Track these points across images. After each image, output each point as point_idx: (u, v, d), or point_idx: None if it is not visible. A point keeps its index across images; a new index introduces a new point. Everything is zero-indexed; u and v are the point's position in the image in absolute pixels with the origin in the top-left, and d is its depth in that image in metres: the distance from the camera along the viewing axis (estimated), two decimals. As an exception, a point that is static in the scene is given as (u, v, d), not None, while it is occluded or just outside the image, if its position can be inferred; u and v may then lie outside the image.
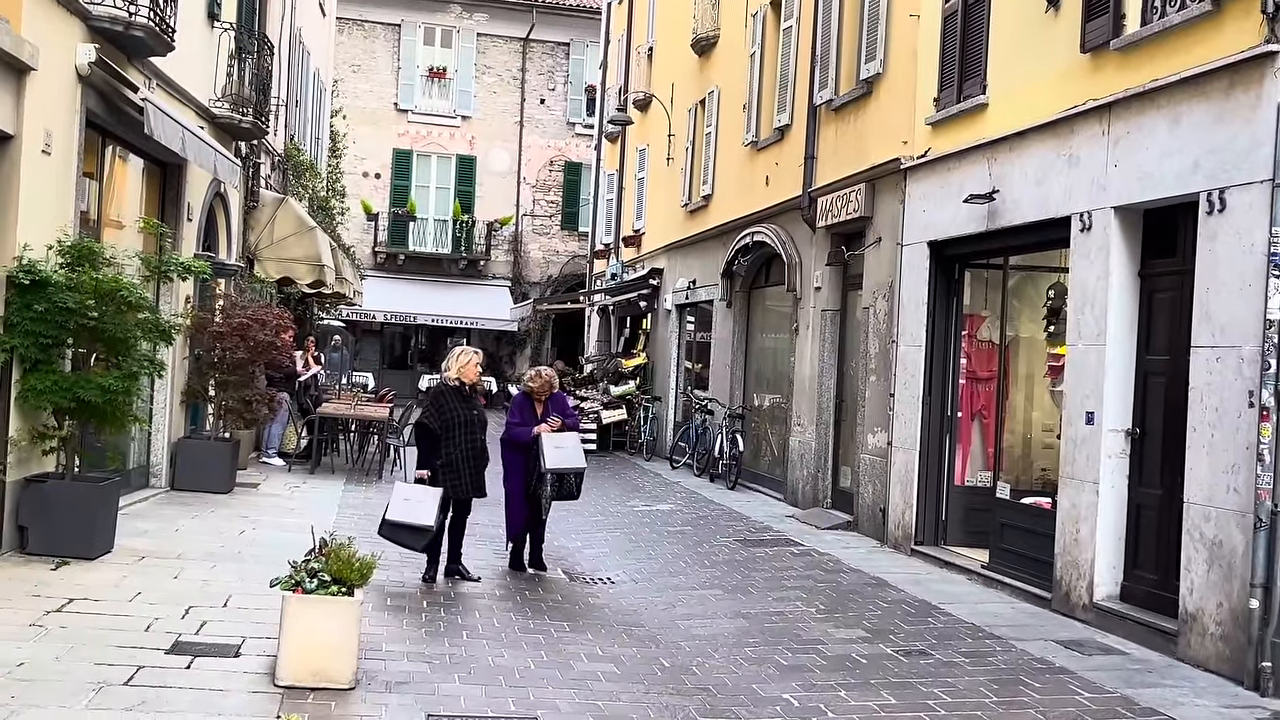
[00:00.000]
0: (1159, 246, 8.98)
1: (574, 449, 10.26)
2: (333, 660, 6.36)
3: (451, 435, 9.55)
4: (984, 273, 12.11)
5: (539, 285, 35.46)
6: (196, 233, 13.86)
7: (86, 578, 8.44)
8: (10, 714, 5.52)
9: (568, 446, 10.17)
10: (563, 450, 10.10)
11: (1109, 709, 6.91)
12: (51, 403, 9.00)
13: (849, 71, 14.40)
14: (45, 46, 9.05)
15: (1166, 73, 8.42)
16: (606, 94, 29.37)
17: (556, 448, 10.06)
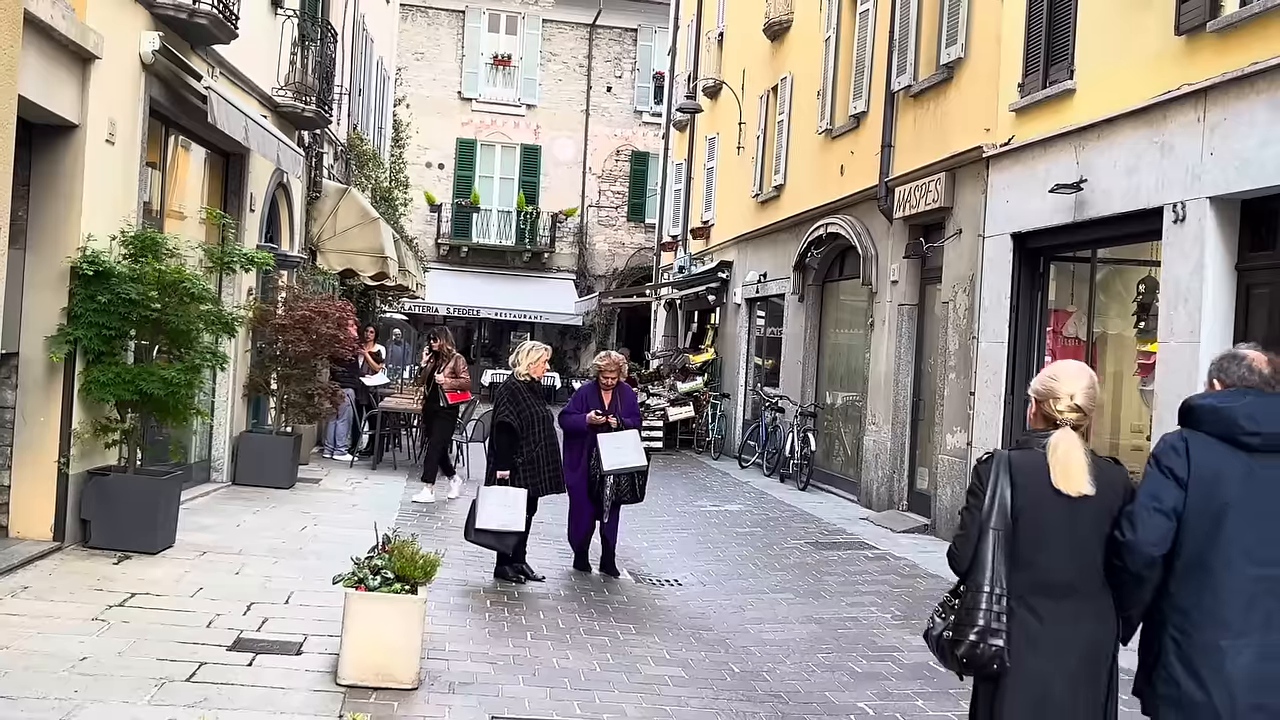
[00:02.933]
0: (1258, 239, 8.78)
1: (634, 447, 10.05)
2: (395, 659, 6.40)
3: (531, 432, 9.55)
4: (1070, 266, 11.92)
5: (604, 278, 35.53)
6: (259, 223, 14.05)
7: (149, 572, 8.59)
8: (74, 708, 5.63)
9: (627, 445, 9.98)
10: (622, 450, 9.93)
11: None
12: (114, 395, 9.16)
13: (929, 56, 14.26)
14: (110, 35, 9.22)
15: (1268, 55, 8.22)
16: (675, 81, 29.34)
17: (616, 448, 9.90)
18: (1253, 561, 3.90)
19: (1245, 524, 3.91)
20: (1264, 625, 3.87)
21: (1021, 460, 4.13)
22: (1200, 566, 3.94)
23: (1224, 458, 3.98)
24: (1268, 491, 3.93)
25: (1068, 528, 4.05)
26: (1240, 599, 3.89)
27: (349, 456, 16.90)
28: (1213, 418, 4.09)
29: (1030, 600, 4.04)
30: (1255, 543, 3.91)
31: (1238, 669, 3.85)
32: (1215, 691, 3.86)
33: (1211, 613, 3.91)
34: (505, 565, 9.60)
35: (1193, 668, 3.91)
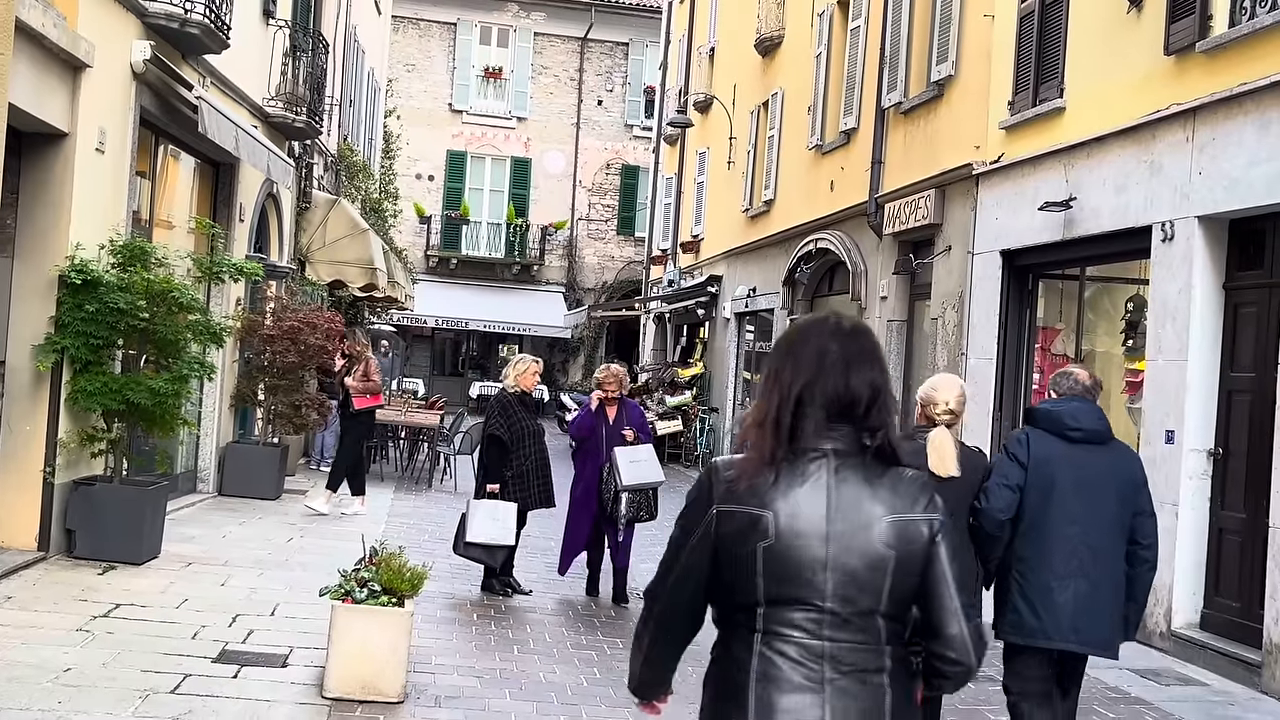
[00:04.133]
0: (1246, 258, 8.84)
1: (650, 462, 9.65)
2: (382, 672, 6.37)
3: (521, 446, 9.45)
4: (1059, 284, 11.97)
5: (594, 291, 35.54)
6: (248, 233, 14.03)
7: (133, 583, 8.55)
8: (58, 719, 5.60)
9: (643, 459, 9.56)
10: (640, 464, 9.49)
11: (1188, 742, 6.79)
12: (101, 404, 9.12)
13: (919, 73, 14.32)
14: (100, 43, 9.21)
15: (1256, 76, 8.28)
16: (666, 95, 29.42)
17: (632, 461, 9.47)
18: (1071, 522, 5.24)
19: (1067, 495, 5.26)
20: (1079, 570, 5.23)
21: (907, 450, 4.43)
22: (1035, 527, 5.27)
23: (1054, 447, 5.34)
24: (1083, 471, 5.29)
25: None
26: (1063, 550, 5.24)
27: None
28: (1046, 418, 5.45)
29: None
30: (1074, 509, 5.25)
31: (1062, 602, 5.22)
32: (1046, 618, 5.24)
33: (1043, 561, 5.25)
34: (492, 579, 9.54)
35: (1030, 602, 5.26)
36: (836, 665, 2.55)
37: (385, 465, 17.77)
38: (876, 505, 2.60)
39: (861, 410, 2.67)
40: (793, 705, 2.54)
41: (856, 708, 2.53)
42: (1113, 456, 5.43)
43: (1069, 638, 5.24)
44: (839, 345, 2.70)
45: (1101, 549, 5.26)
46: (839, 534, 2.56)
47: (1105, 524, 5.27)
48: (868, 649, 2.57)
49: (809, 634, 2.56)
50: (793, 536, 2.56)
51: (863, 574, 2.55)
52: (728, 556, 2.63)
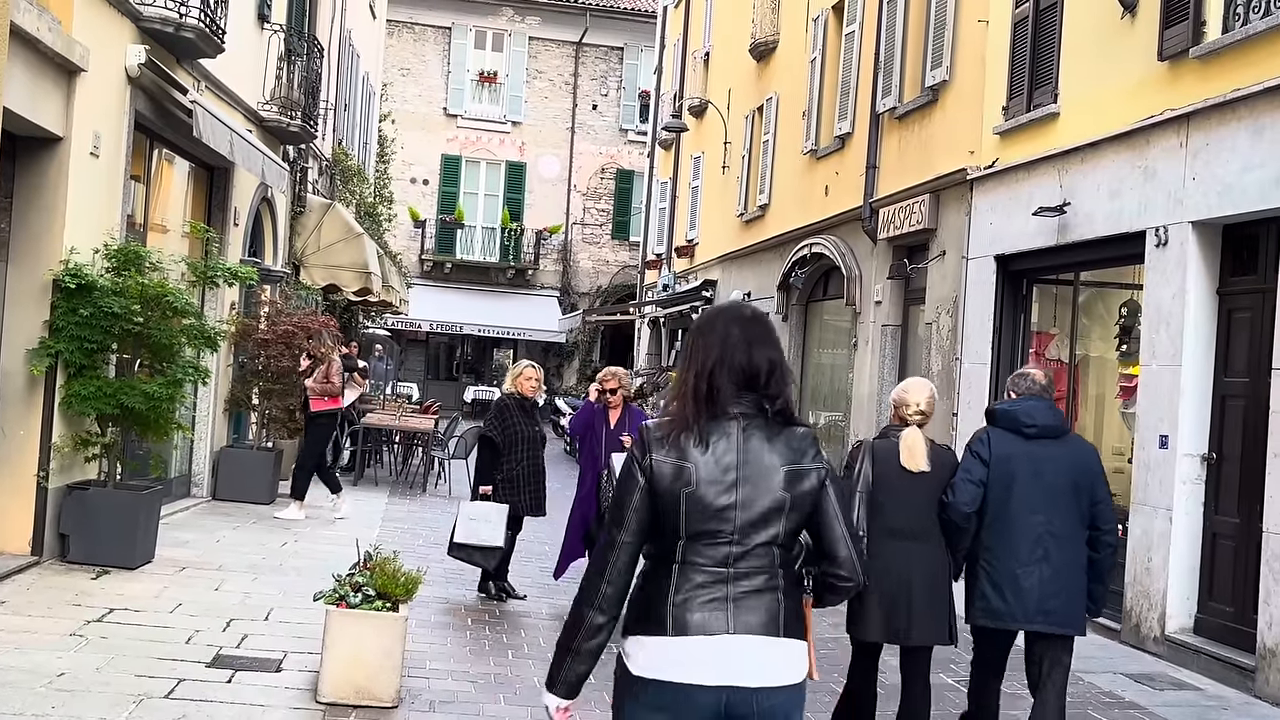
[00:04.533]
0: (1239, 263, 8.86)
1: None
2: (376, 677, 6.37)
3: (513, 450, 9.37)
4: (1053, 288, 12.00)
5: (588, 296, 35.55)
6: (243, 238, 14.03)
7: (127, 588, 8.54)
8: (50, 725, 5.60)
9: None
10: None
11: (1182, 747, 6.80)
12: (95, 409, 9.12)
13: (913, 79, 14.35)
14: (95, 47, 9.21)
15: (1249, 82, 8.31)
16: (661, 100, 29.44)
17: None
18: (1033, 512, 5.66)
19: (1027, 488, 5.67)
20: (1044, 557, 5.64)
21: (881, 446, 5.82)
22: (999, 518, 5.68)
23: (1013, 443, 5.76)
24: (1042, 465, 5.72)
25: (909, 493, 5.70)
26: (1027, 539, 5.65)
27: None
28: (1005, 417, 5.88)
29: (882, 539, 5.63)
30: (1034, 500, 5.67)
31: (1029, 586, 5.63)
32: (1014, 602, 5.65)
33: (1008, 549, 5.66)
34: (488, 581, 9.54)
35: (998, 587, 5.68)
36: (739, 585, 3.12)
37: (380, 470, 17.75)
38: (775, 457, 3.16)
39: (762, 381, 3.21)
40: (703, 619, 3.09)
41: (755, 619, 3.10)
42: (1069, 449, 5.88)
43: (1036, 619, 5.67)
44: (741, 329, 3.25)
45: (1062, 536, 5.69)
46: (746, 480, 3.13)
47: (1065, 512, 5.71)
48: (765, 572, 3.13)
49: (718, 562, 3.12)
50: (709, 484, 3.12)
51: (764, 513, 3.12)
52: (662, 501, 3.13)
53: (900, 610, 5.64)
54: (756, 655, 3.12)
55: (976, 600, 5.77)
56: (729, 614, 3.10)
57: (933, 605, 5.68)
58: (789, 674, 3.18)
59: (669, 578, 3.15)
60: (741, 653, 3.10)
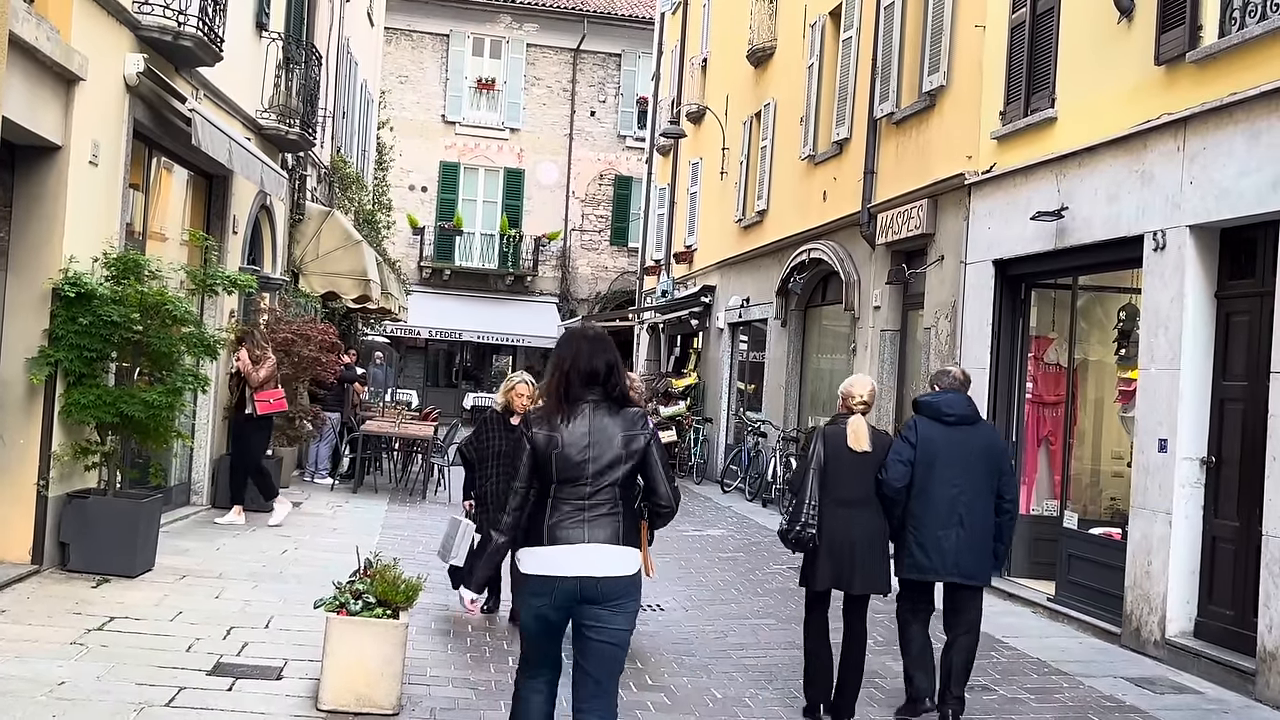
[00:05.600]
0: (1237, 267, 8.87)
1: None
2: (376, 684, 6.37)
3: (484, 467, 8.89)
4: (1051, 293, 12.01)
5: (587, 302, 35.55)
6: (242, 246, 14.04)
7: (127, 596, 8.54)
8: (51, 733, 5.60)
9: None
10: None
11: (1183, 751, 6.80)
12: (95, 417, 9.13)
13: (911, 84, 14.37)
14: (94, 56, 9.22)
15: (1246, 86, 8.32)
16: (659, 106, 29.45)
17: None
18: (951, 485, 6.88)
19: (945, 466, 6.89)
20: (959, 522, 6.86)
21: (831, 431, 7.03)
22: (924, 491, 6.89)
23: (935, 429, 6.99)
24: (958, 447, 6.95)
25: (854, 469, 6.88)
26: (944, 508, 6.86)
27: (330, 480, 16.84)
28: (929, 408, 7.13)
29: (831, 507, 6.81)
30: (952, 475, 6.88)
31: (947, 547, 6.86)
32: (935, 559, 6.89)
33: (931, 516, 6.87)
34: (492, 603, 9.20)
35: (923, 547, 6.90)
36: (592, 512, 4.70)
37: (379, 477, 17.75)
38: (615, 428, 4.77)
39: (603, 378, 4.80)
40: (568, 534, 4.69)
41: (602, 533, 4.69)
42: (980, 433, 7.14)
43: (953, 573, 6.92)
44: (587, 344, 4.87)
45: (974, 505, 6.89)
46: (595, 444, 4.72)
47: (976, 485, 6.92)
48: (610, 503, 4.72)
49: (578, 498, 4.71)
50: (571, 446, 4.71)
51: (608, 464, 4.72)
52: (539, 459, 4.73)
53: (845, 564, 6.79)
54: (602, 556, 4.69)
55: (905, 558, 6.98)
56: (585, 530, 4.68)
57: (872, 561, 6.86)
58: (625, 568, 4.74)
59: (546, 510, 4.73)
60: (592, 555, 4.67)
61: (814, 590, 6.97)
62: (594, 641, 4.79)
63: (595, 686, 4.90)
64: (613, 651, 4.84)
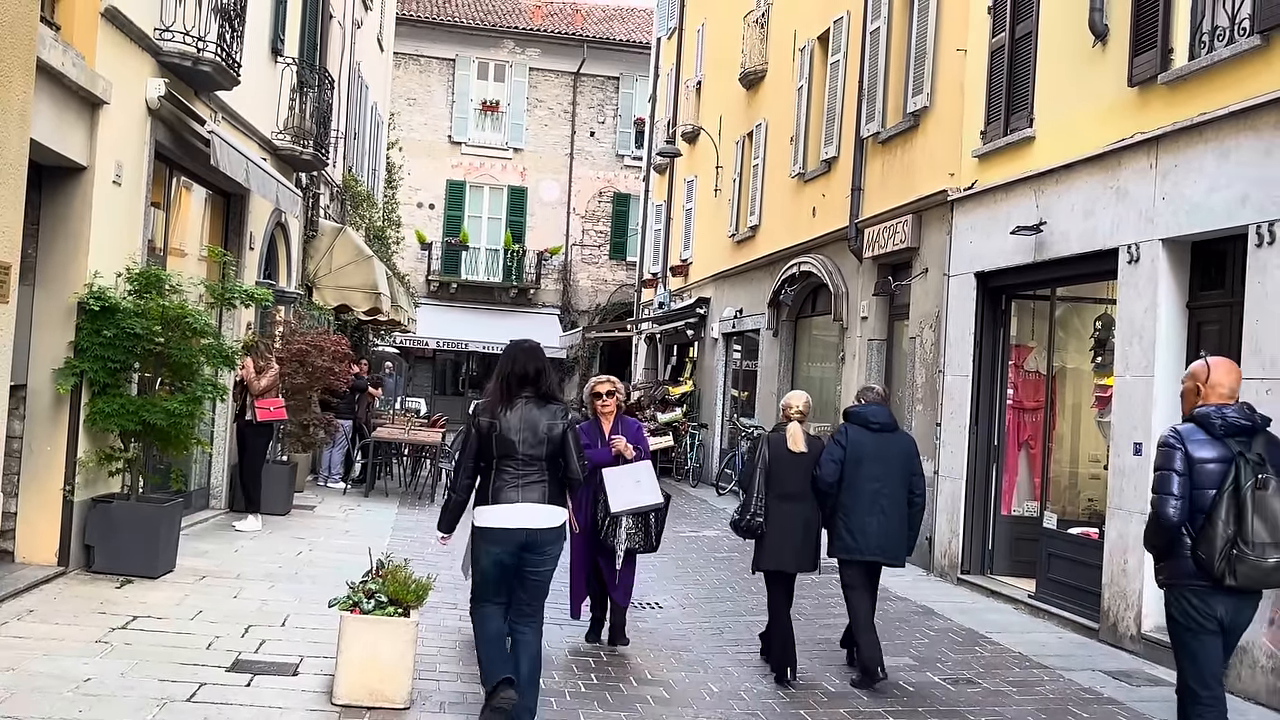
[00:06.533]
0: (1207, 279, 8.89)
1: (648, 482, 8.30)
2: (389, 680, 6.38)
3: None
4: (1030, 304, 12.02)
5: (588, 313, 35.57)
6: (258, 261, 14.05)
7: (150, 596, 8.54)
8: (78, 728, 5.60)
9: (639, 480, 8.26)
10: (633, 486, 8.21)
11: (1158, 740, 6.80)
12: (118, 425, 9.14)
13: (896, 105, 14.40)
14: (117, 81, 9.25)
15: (1215, 106, 8.35)
16: (655, 126, 29.49)
17: (625, 484, 8.22)
18: (874, 480, 7.79)
19: (870, 465, 7.80)
20: (880, 511, 7.77)
21: (774, 437, 8.04)
22: (852, 485, 7.78)
23: (862, 434, 7.91)
24: (880, 450, 7.87)
25: (793, 468, 7.84)
26: (866, 499, 7.77)
27: (342, 484, 16.84)
28: (857, 417, 8.06)
29: (775, 501, 7.79)
30: (875, 473, 7.80)
31: (871, 532, 7.77)
32: (861, 542, 7.79)
33: (858, 506, 7.77)
34: None
35: (851, 532, 7.79)
36: (524, 480, 5.95)
37: (390, 481, 17.75)
38: (542, 418, 5.98)
39: (534, 379, 6.03)
40: (507, 495, 5.93)
41: (533, 495, 5.93)
42: (899, 439, 8.11)
43: (875, 554, 7.83)
44: (522, 353, 6.13)
45: (892, 498, 7.82)
46: (525, 429, 5.94)
47: (894, 482, 7.84)
48: (537, 473, 5.97)
49: (513, 469, 5.95)
50: (508, 430, 5.93)
51: (536, 445, 5.94)
52: (484, 440, 5.97)
53: (787, 549, 7.80)
54: (533, 512, 5.94)
55: (836, 541, 7.88)
56: (519, 493, 5.94)
57: (806, 546, 7.86)
58: (552, 522, 6.00)
59: (490, 478, 5.99)
60: (529, 512, 5.93)
61: (764, 570, 7.96)
62: (530, 578, 6.03)
63: (528, 608, 6.10)
64: (542, 584, 6.09)
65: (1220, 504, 5.19)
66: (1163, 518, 5.31)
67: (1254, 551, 5.12)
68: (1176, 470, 5.30)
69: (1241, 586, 5.22)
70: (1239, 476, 5.19)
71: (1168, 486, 5.30)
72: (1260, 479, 5.18)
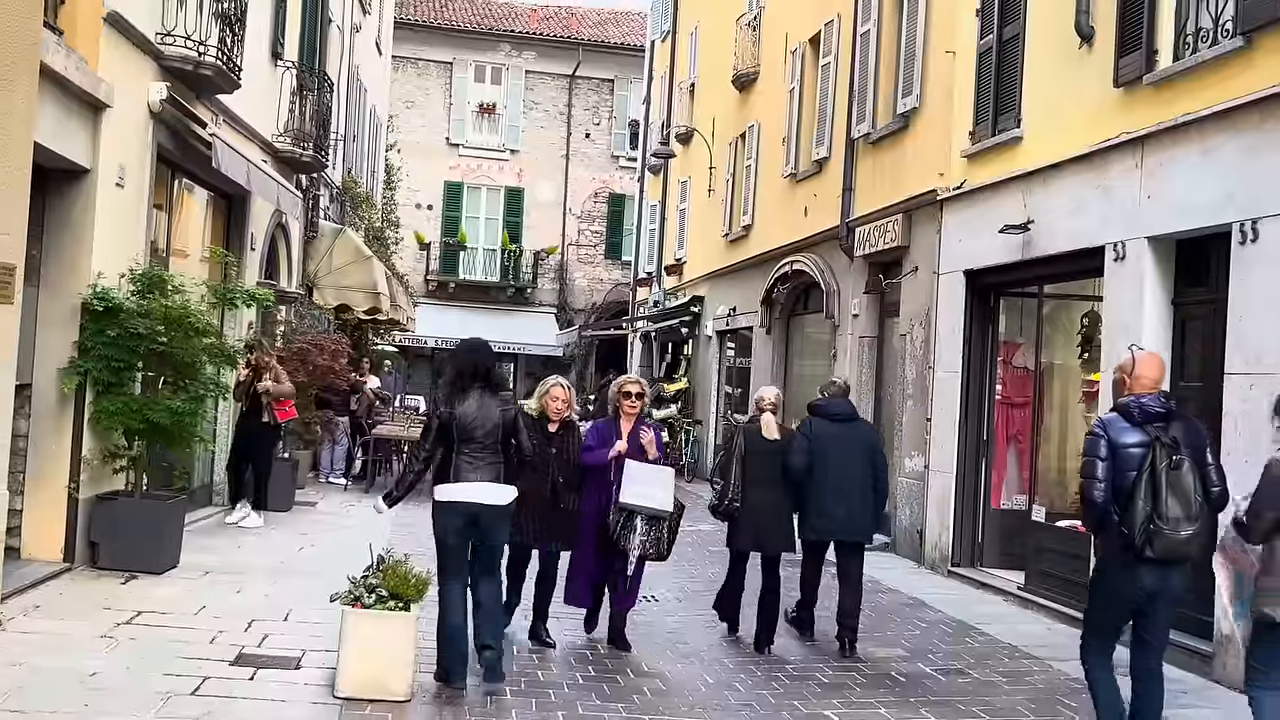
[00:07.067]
0: (1192, 275, 8.90)
1: (664, 486, 8.00)
2: (390, 673, 6.37)
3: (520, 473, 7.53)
4: (1019, 301, 12.02)
5: (584, 312, 35.54)
6: (259, 262, 14.02)
7: (154, 592, 8.52)
8: (84, 721, 5.58)
9: (656, 481, 7.99)
10: (648, 484, 7.94)
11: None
12: (122, 424, 9.12)
13: (886, 106, 14.39)
14: (120, 85, 9.22)
15: (1199, 107, 8.36)
16: (649, 128, 29.47)
17: (642, 480, 7.94)
18: (840, 468, 8.32)
19: (834, 455, 8.32)
20: (845, 496, 8.31)
21: (749, 428, 8.58)
22: (820, 472, 8.28)
23: (826, 426, 8.50)
24: (844, 439, 8.44)
25: (766, 457, 8.30)
26: (835, 485, 8.30)
27: (343, 481, 16.81)
28: (821, 410, 8.65)
29: (750, 487, 8.23)
30: (840, 461, 8.33)
31: (837, 514, 8.32)
32: (829, 524, 8.35)
33: (825, 491, 8.28)
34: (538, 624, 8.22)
35: (819, 515, 8.36)
36: (480, 461, 6.66)
37: (389, 477, 17.70)
38: (494, 406, 6.75)
39: (484, 374, 6.81)
40: (466, 475, 6.62)
41: (487, 476, 6.66)
42: (860, 429, 8.78)
43: (842, 534, 8.42)
44: (474, 353, 6.93)
45: (857, 483, 8.34)
46: (483, 418, 6.67)
47: (858, 468, 8.36)
48: (493, 456, 6.70)
49: (471, 452, 6.65)
50: (465, 417, 6.65)
51: (490, 430, 6.67)
52: (444, 427, 6.68)
53: (762, 531, 8.23)
54: (487, 490, 6.65)
55: (805, 524, 8.42)
56: (477, 473, 6.63)
57: (780, 528, 8.33)
58: (502, 499, 6.72)
59: (452, 459, 6.65)
60: (483, 489, 6.63)
61: (737, 550, 8.55)
62: (483, 547, 6.76)
63: (485, 574, 6.82)
64: (495, 552, 6.89)
65: (1139, 484, 5.48)
66: (1088, 499, 5.66)
67: (1169, 526, 5.44)
68: (1100, 456, 5.61)
69: (1160, 558, 5.53)
70: (1155, 459, 5.48)
71: (1092, 471, 5.63)
72: (1174, 460, 5.48)
